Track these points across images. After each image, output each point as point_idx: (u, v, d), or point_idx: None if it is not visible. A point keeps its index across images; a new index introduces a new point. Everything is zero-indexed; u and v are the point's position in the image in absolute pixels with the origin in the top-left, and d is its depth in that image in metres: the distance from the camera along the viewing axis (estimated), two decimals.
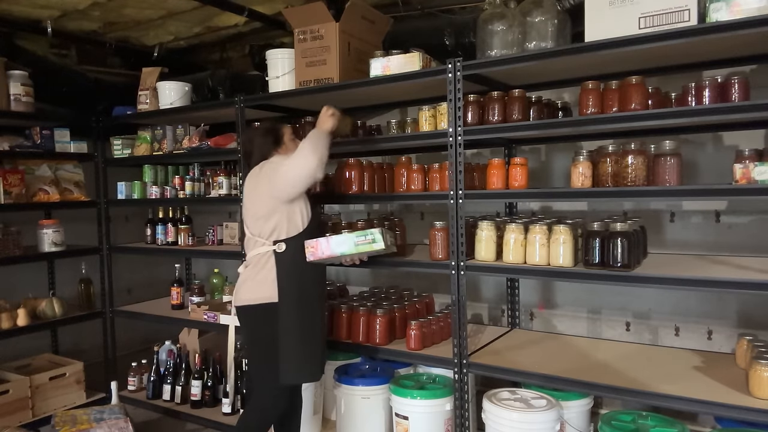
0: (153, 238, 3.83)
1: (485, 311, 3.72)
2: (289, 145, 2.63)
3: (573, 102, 2.90)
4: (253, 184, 2.53)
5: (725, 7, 1.96)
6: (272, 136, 2.63)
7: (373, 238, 2.45)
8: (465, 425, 2.61)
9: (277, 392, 2.49)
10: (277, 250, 2.45)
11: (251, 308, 2.49)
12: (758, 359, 2.10)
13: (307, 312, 2.47)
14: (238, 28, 3.90)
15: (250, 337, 2.58)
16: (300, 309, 2.44)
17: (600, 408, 3.20)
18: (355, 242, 2.47)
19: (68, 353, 3.98)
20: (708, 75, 2.53)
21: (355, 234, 2.50)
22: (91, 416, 3.03)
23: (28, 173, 3.57)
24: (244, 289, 2.54)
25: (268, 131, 2.66)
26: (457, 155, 2.52)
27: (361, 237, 2.47)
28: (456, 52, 3.08)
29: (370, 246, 2.46)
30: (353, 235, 2.49)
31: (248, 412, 2.61)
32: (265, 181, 2.46)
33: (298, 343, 2.43)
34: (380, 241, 2.45)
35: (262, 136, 2.64)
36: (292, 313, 2.42)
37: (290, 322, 2.42)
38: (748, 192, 2.03)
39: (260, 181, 2.49)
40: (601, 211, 3.22)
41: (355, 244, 2.47)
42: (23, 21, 3.59)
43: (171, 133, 3.58)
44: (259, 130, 2.71)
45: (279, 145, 2.62)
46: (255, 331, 2.52)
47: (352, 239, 2.47)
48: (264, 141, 2.62)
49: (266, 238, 2.47)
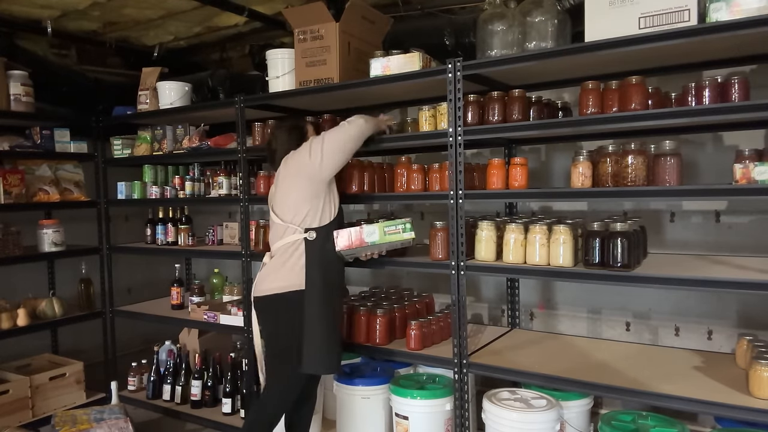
0: (153, 238, 3.83)
1: (485, 311, 3.72)
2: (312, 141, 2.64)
3: (573, 102, 2.90)
4: (289, 171, 2.55)
5: (725, 7, 1.95)
6: (297, 133, 2.66)
7: (404, 227, 2.54)
8: (465, 425, 2.61)
9: (294, 382, 2.53)
10: (308, 237, 2.48)
11: (277, 297, 2.51)
12: (758, 359, 2.10)
13: (331, 302, 2.51)
14: (238, 28, 3.90)
15: (272, 327, 2.58)
16: (325, 298, 2.48)
17: (600, 408, 3.20)
18: (386, 231, 2.53)
19: (68, 353, 3.98)
20: (708, 75, 2.53)
21: (384, 224, 2.56)
22: (91, 416, 3.03)
23: (28, 173, 3.57)
24: (270, 279, 2.55)
25: (293, 128, 2.68)
26: (457, 155, 2.52)
27: (391, 227, 2.54)
28: (456, 52, 3.08)
29: (400, 236, 2.54)
30: (383, 224, 2.55)
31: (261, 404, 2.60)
32: (305, 160, 2.49)
33: (322, 331, 2.46)
34: (410, 230, 2.54)
35: (287, 133, 2.66)
36: (318, 302, 2.46)
37: (316, 309, 2.46)
38: (748, 192, 2.03)
39: (300, 162, 2.51)
40: (601, 211, 3.22)
41: (385, 233, 2.53)
42: (23, 21, 3.59)
43: (171, 133, 3.58)
44: (283, 127, 2.71)
45: (305, 140, 2.63)
46: (279, 320, 2.53)
47: (382, 228, 2.53)
48: (289, 138, 2.65)
49: (299, 224, 2.50)
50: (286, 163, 2.59)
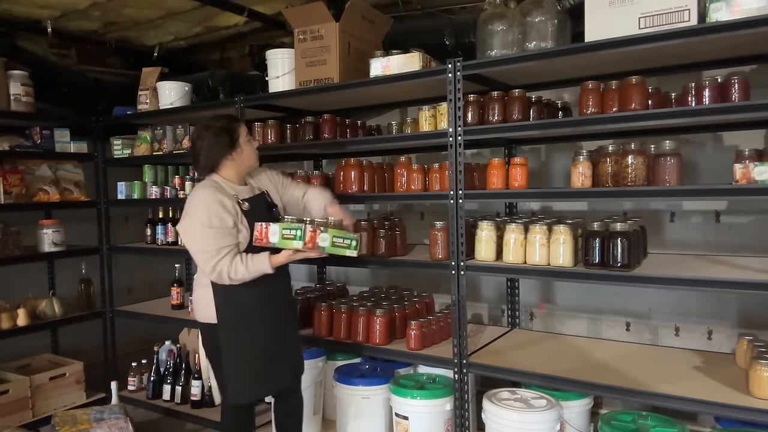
0: (153, 238, 3.84)
1: (485, 311, 3.72)
2: (244, 147, 2.35)
3: (573, 102, 2.90)
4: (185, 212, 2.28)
5: (725, 7, 1.96)
6: (227, 137, 2.30)
7: (295, 235, 2.17)
8: (465, 425, 2.61)
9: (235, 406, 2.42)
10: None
11: (203, 326, 2.43)
12: (758, 359, 2.10)
13: (246, 332, 2.31)
14: (238, 28, 3.90)
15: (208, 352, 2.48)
16: (237, 330, 2.30)
17: (600, 408, 3.20)
18: (283, 235, 2.19)
19: (68, 353, 3.98)
20: (708, 75, 2.53)
21: (281, 226, 2.21)
22: (91, 416, 3.03)
23: (28, 173, 3.56)
24: (196, 305, 2.44)
25: (222, 130, 2.30)
26: (457, 155, 2.51)
27: (286, 230, 2.19)
28: (456, 52, 3.08)
29: (342, 251, 2.25)
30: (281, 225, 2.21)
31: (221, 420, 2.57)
32: (195, 225, 2.21)
33: (237, 364, 2.31)
34: (300, 239, 2.16)
35: (215, 136, 2.29)
36: (229, 337, 2.30)
37: (226, 346, 2.31)
38: (748, 192, 2.03)
39: (193, 217, 2.22)
40: (601, 211, 3.22)
41: (282, 237, 2.19)
42: (23, 21, 3.59)
43: (171, 133, 3.58)
44: (211, 129, 2.30)
45: (234, 147, 2.32)
46: (208, 348, 2.46)
47: (331, 237, 2.23)
48: (217, 142, 2.29)
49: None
50: (197, 185, 2.34)
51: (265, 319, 2.36)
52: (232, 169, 2.37)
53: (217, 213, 2.21)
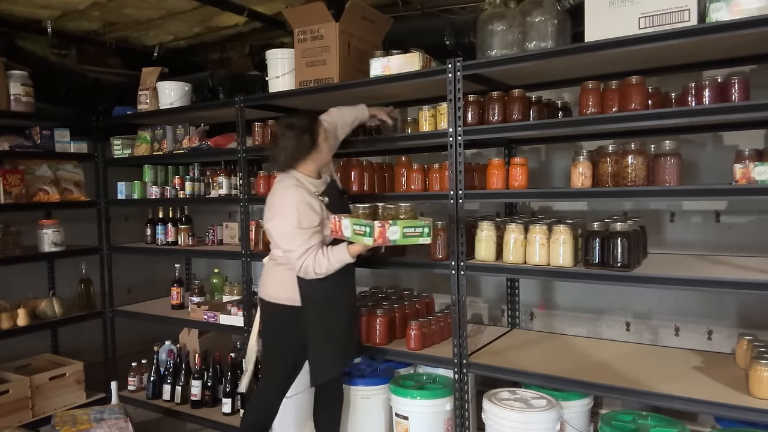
0: (153, 238, 3.83)
1: (485, 311, 3.72)
2: (322, 146, 2.43)
3: (573, 102, 2.90)
4: (274, 197, 2.40)
5: (725, 7, 1.96)
6: (309, 137, 2.38)
7: (365, 231, 2.27)
8: (465, 425, 2.61)
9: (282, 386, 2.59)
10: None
11: (279, 308, 2.49)
12: (758, 359, 2.10)
13: (330, 315, 2.47)
14: (238, 28, 3.90)
15: (272, 334, 2.57)
16: (323, 314, 2.45)
17: (600, 408, 3.20)
18: (354, 231, 2.30)
19: (68, 353, 3.98)
20: (708, 75, 2.53)
21: (352, 221, 2.33)
22: (91, 416, 3.02)
23: (28, 173, 3.57)
24: (270, 286, 2.53)
25: (305, 130, 2.37)
26: (457, 155, 2.51)
27: (357, 226, 2.30)
28: (456, 52, 3.08)
29: (416, 240, 2.32)
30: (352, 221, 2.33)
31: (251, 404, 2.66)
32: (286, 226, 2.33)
33: (323, 345, 2.47)
34: (369, 236, 2.25)
35: (299, 136, 2.36)
36: (315, 320, 2.44)
37: (312, 328, 2.45)
38: (748, 192, 2.03)
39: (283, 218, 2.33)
40: (601, 211, 3.21)
41: (405, 235, 2.28)
42: (23, 21, 3.59)
43: (171, 133, 3.58)
44: (296, 129, 2.38)
45: (315, 147, 2.40)
46: (278, 329, 2.53)
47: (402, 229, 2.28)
48: (300, 142, 2.37)
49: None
50: (281, 183, 2.43)
51: (343, 308, 2.54)
52: (311, 166, 2.47)
53: (306, 214, 2.32)
